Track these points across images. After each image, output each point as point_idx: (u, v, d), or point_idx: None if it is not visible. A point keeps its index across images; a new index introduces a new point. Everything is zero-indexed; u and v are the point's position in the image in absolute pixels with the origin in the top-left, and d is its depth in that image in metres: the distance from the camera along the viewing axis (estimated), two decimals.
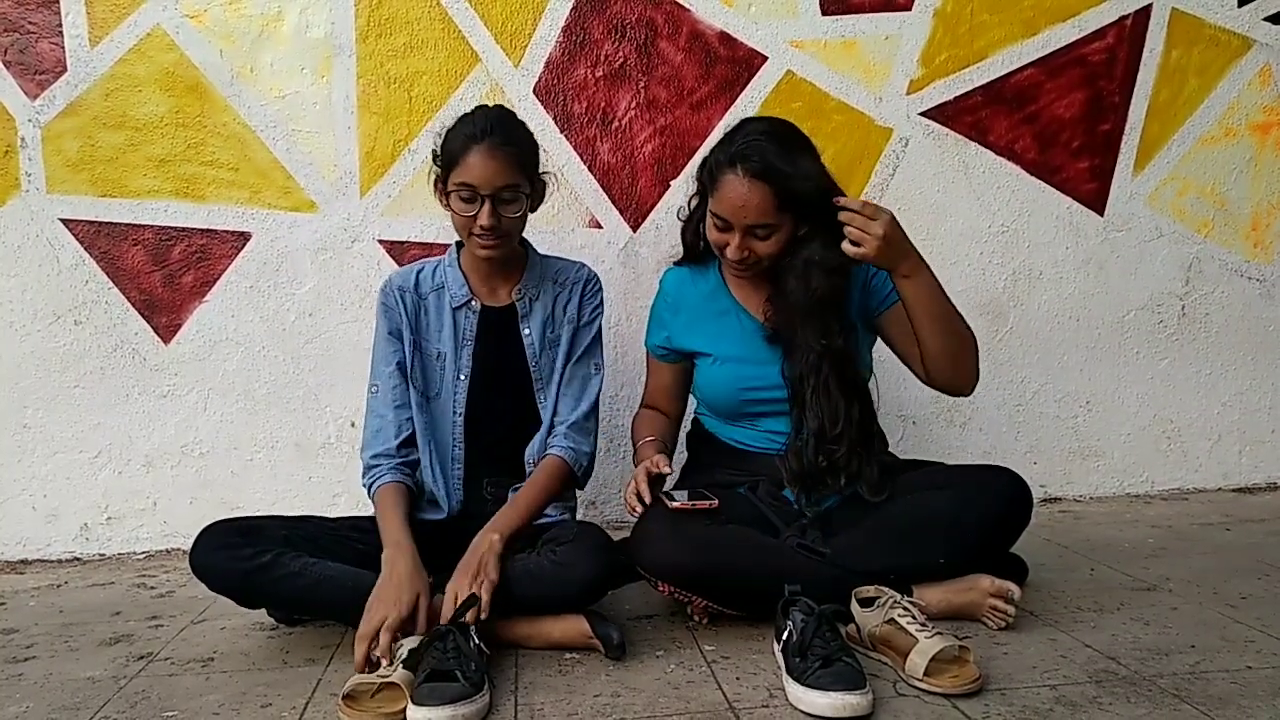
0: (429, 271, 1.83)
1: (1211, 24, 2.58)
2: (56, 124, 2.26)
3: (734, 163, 1.67)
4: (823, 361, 1.72)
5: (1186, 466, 2.69)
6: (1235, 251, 2.66)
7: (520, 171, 1.69)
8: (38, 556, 2.33)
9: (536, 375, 1.80)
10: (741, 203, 1.67)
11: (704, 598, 1.64)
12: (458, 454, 1.79)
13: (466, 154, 1.66)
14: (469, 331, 1.79)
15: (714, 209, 1.72)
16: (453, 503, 1.79)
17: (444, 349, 1.79)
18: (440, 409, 1.79)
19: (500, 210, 1.67)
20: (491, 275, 1.81)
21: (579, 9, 2.37)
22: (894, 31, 2.48)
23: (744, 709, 1.36)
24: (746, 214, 1.68)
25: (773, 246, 1.71)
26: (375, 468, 1.76)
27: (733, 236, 1.71)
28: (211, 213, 2.32)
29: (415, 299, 1.81)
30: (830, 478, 1.72)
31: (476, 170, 1.65)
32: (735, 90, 2.43)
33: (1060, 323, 2.61)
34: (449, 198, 1.69)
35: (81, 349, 2.31)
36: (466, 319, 1.80)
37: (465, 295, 1.80)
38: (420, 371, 1.80)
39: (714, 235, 1.74)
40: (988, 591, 1.63)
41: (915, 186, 2.50)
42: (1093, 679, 1.42)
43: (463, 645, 1.39)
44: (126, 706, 1.44)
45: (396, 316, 1.79)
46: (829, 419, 1.71)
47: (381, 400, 1.79)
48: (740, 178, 1.66)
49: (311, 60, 2.32)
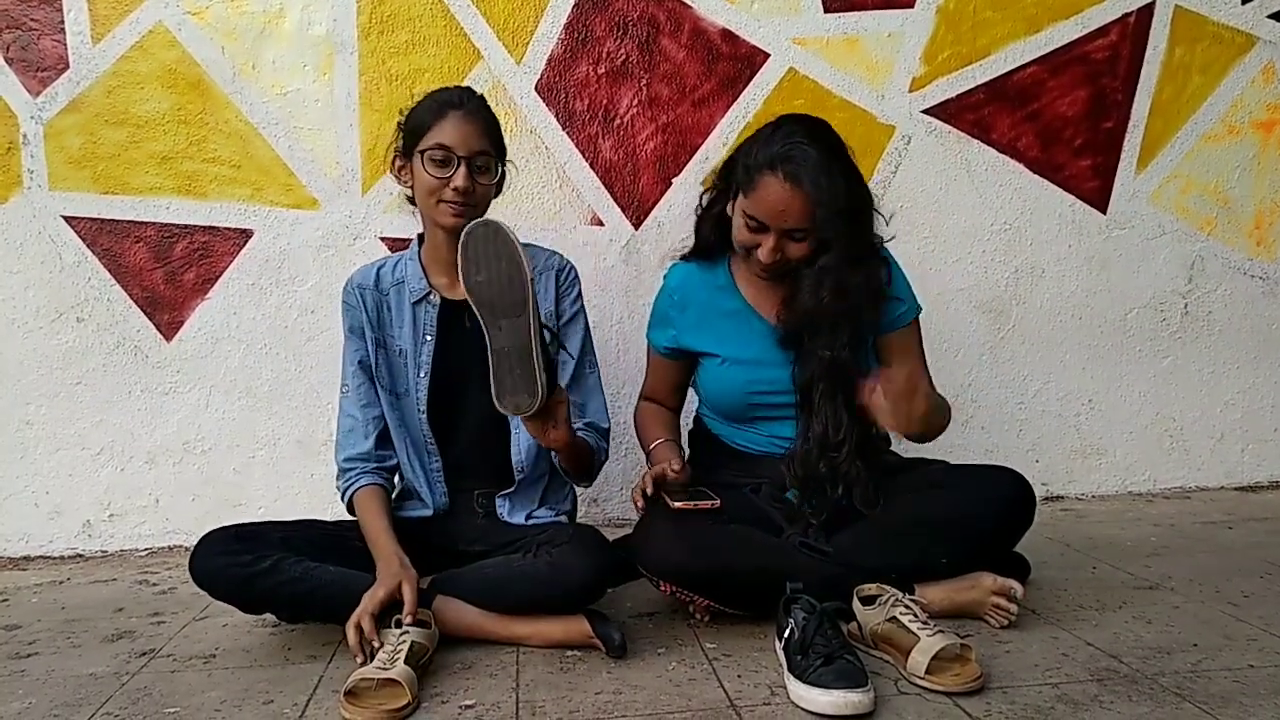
0: (390, 267, 1.80)
1: (1215, 21, 2.58)
2: (58, 121, 2.26)
3: (774, 165, 1.63)
4: (830, 370, 1.70)
5: (1189, 465, 2.68)
6: (1238, 249, 2.66)
7: (493, 144, 1.70)
8: (40, 553, 2.33)
9: None
10: (782, 206, 1.63)
11: (706, 597, 1.64)
12: (432, 449, 1.77)
13: (442, 118, 1.65)
14: (428, 326, 1.75)
15: (749, 210, 1.67)
16: (437, 498, 1.78)
17: (405, 345, 1.76)
18: (408, 406, 1.77)
19: (475, 176, 1.66)
20: (451, 266, 1.73)
21: (581, 6, 2.37)
22: (896, 29, 2.47)
23: (745, 707, 1.36)
24: (787, 218, 1.64)
25: (805, 250, 1.68)
26: (349, 471, 1.75)
27: (767, 239, 1.67)
28: (213, 210, 2.32)
29: (376, 295, 1.78)
30: (830, 485, 1.71)
31: (454, 133, 1.64)
32: (738, 88, 2.43)
33: (1063, 321, 2.61)
34: (420, 162, 1.65)
35: (84, 346, 2.31)
36: (426, 313, 1.76)
37: (424, 289, 1.76)
38: (386, 369, 1.77)
39: (744, 236, 1.70)
40: (990, 590, 1.63)
41: (918, 184, 2.50)
42: (1095, 677, 1.42)
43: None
44: (128, 703, 1.44)
45: (357, 314, 1.77)
46: (833, 426, 1.70)
47: (351, 400, 1.78)
48: (781, 181, 1.62)
49: (313, 57, 2.32)
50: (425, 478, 1.77)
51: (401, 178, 1.73)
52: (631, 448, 2.43)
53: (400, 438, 1.77)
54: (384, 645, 1.45)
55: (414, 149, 1.67)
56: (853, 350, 1.72)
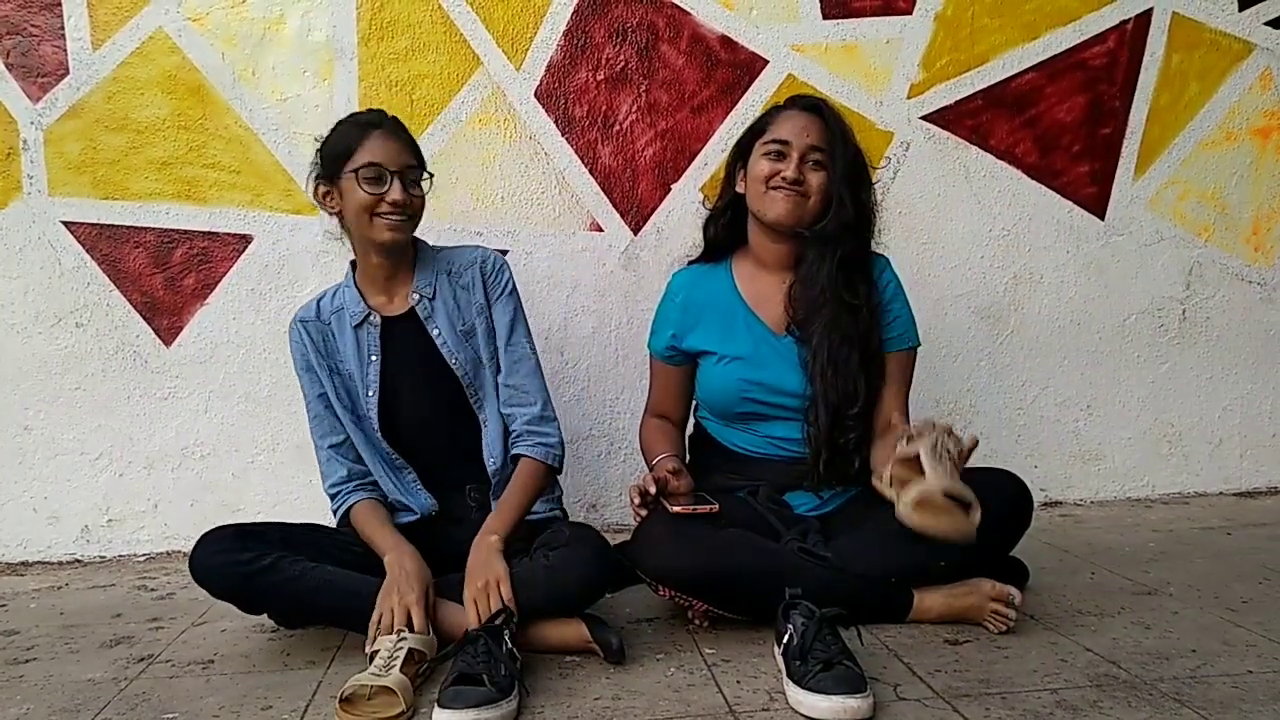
0: (329, 297, 1.83)
1: (1212, 28, 2.59)
2: (58, 126, 2.27)
3: (791, 103, 1.82)
4: (844, 345, 1.73)
5: (1187, 470, 2.68)
6: (1236, 255, 2.66)
7: (417, 158, 1.74)
8: (38, 558, 2.33)
9: (461, 373, 1.77)
10: (804, 124, 1.76)
11: (704, 602, 1.64)
12: (398, 463, 1.79)
13: (366, 138, 1.68)
14: (372, 346, 1.77)
15: (770, 137, 1.77)
16: (422, 502, 1.79)
17: (352, 368, 1.79)
18: (368, 426, 1.79)
19: (408, 189, 1.69)
20: (385, 282, 1.79)
21: (580, 12, 2.37)
22: (895, 35, 2.48)
23: (744, 712, 1.36)
24: (808, 134, 1.75)
25: (822, 180, 1.75)
26: (339, 494, 1.79)
27: (790, 160, 1.74)
28: (213, 215, 2.32)
29: (320, 326, 1.80)
30: (843, 460, 1.74)
31: (382, 150, 1.68)
32: (736, 94, 2.44)
33: (1061, 326, 2.61)
34: (352, 181, 1.67)
35: (83, 351, 2.31)
36: (368, 334, 1.78)
37: (363, 311, 1.78)
38: (346, 393, 1.79)
39: (765, 167, 1.76)
40: (989, 595, 1.63)
41: (916, 190, 2.50)
42: (1093, 683, 1.42)
43: (494, 650, 1.39)
44: (127, 709, 1.44)
45: (304, 350, 1.79)
46: (846, 397, 1.73)
47: (317, 433, 1.81)
48: (800, 109, 1.79)
49: (313, 63, 2.32)
50: (402, 488, 1.80)
51: (327, 203, 1.74)
52: (629, 452, 2.43)
53: (370, 456, 1.80)
54: (381, 651, 1.45)
55: (340, 171, 1.69)
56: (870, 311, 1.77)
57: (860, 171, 1.78)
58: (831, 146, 1.75)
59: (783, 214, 1.76)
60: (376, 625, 1.52)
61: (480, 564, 1.59)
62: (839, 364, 1.74)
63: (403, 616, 1.51)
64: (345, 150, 1.69)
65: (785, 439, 1.80)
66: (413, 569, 1.60)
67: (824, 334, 1.74)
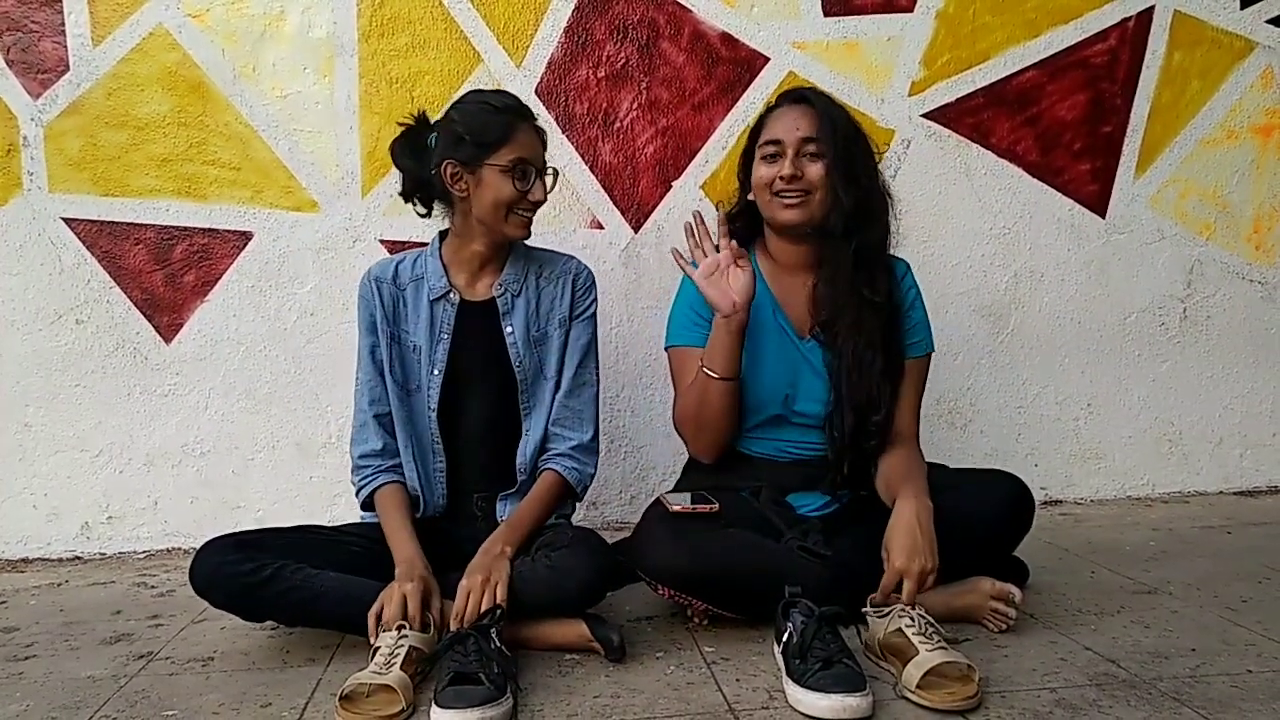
0: (409, 262, 1.80)
1: (1214, 26, 2.58)
2: (59, 123, 2.27)
3: (781, 100, 1.81)
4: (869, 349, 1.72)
5: (1188, 469, 2.68)
6: (1237, 254, 2.66)
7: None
8: (38, 555, 2.33)
9: (520, 376, 1.76)
10: (794, 119, 1.73)
11: (704, 601, 1.64)
12: (437, 449, 1.76)
13: (517, 131, 1.66)
14: (446, 325, 1.75)
15: (766, 137, 1.76)
16: (435, 499, 1.77)
17: (420, 341, 1.76)
18: (418, 403, 1.76)
19: (548, 188, 1.70)
20: (477, 268, 1.77)
21: (581, 9, 2.37)
22: (896, 33, 2.48)
23: (744, 710, 1.36)
24: (800, 127, 1.72)
25: (822, 171, 1.72)
26: (365, 468, 1.76)
27: (784, 159, 1.73)
28: (213, 212, 2.32)
29: (393, 290, 1.78)
30: (866, 464, 1.73)
31: (531, 146, 1.68)
32: (737, 91, 2.43)
33: (1061, 325, 2.61)
34: (495, 174, 1.63)
35: (83, 348, 2.31)
36: (444, 311, 1.75)
37: (444, 287, 1.76)
38: (399, 363, 1.77)
39: (765, 172, 1.74)
40: (988, 594, 1.63)
41: (917, 188, 2.50)
42: (1093, 682, 1.42)
43: (484, 648, 1.39)
44: (126, 706, 1.44)
45: (372, 307, 1.77)
46: (870, 402, 1.72)
47: (362, 393, 1.78)
48: (790, 104, 1.77)
49: (314, 60, 2.32)
50: (426, 478, 1.76)
51: (457, 187, 1.68)
52: (631, 450, 2.43)
53: (405, 435, 1.76)
54: (381, 649, 1.45)
55: (484, 159, 1.65)
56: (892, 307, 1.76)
57: (857, 152, 1.75)
58: (825, 133, 1.72)
59: (790, 219, 1.75)
60: (376, 616, 1.50)
61: (484, 563, 1.58)
62: (864, 369, 1.72)
63: (400, 606, 1.49)
64: (493, 140, 1.64)
65: (795, 441, 1.80)
66: (422, 579, 1.58)
67: (849, 337, 1.73)
